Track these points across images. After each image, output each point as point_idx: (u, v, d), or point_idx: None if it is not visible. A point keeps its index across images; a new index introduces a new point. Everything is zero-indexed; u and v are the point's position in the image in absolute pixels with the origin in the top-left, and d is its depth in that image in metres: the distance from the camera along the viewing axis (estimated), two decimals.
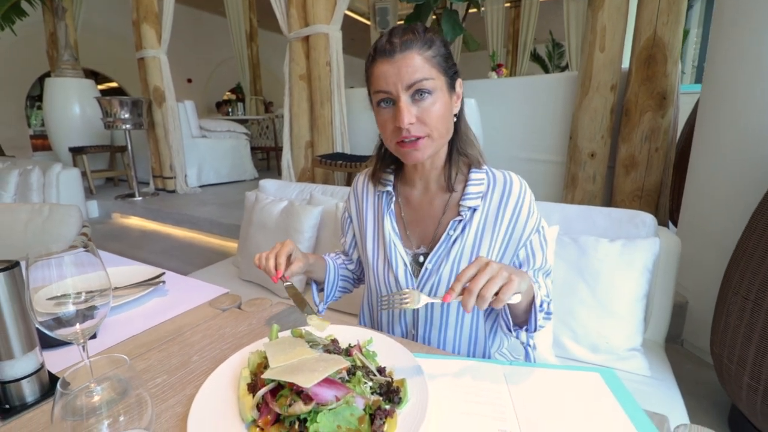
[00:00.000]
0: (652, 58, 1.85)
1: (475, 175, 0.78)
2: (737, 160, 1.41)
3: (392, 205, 0.83)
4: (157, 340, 0.74)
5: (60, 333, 0.55)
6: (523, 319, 0.71)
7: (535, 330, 0.69)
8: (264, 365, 0.56)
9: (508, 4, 6.96)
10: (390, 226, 0.82)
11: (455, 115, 0.76)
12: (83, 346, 0.56)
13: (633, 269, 1.04)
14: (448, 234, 0.77)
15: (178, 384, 0.61)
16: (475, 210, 0.77)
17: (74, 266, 0.55)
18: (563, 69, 7.38)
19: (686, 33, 4.83)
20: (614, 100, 1.99)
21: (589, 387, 0.59)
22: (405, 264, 0.80)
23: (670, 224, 2.09)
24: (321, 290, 0.92)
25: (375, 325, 0.90)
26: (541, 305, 0.70)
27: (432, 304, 0.79)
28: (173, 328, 0.79)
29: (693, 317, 1.55)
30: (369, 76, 0.72)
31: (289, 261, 0.77)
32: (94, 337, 0.76)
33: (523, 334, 0.73)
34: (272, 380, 0.50)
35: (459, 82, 0.75)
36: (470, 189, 0.77)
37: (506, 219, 0.76)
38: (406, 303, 0.60)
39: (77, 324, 0.56)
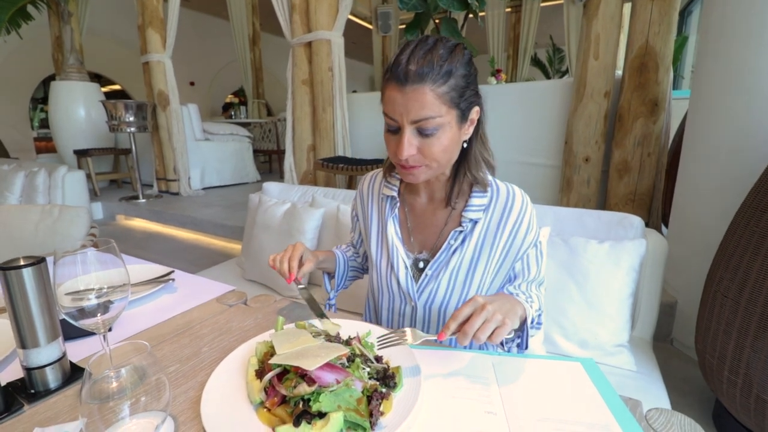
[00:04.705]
0: (644, 66, 1.90)
1: (477, 189, 0.80)
2: (725, 162, 1.46)
3: (396, 211, 0.86)
4: (168, 333, 0.79)
5: (83, 323, 0.60)
6: (518, 330, 0.74)
7: (526, 347, 0.72)
8: (270, 353, 0.61)
9: (508, 9, 7.02)
10: (393, 230, 0.85)
11: (466, 140, 0.75)
12: (104, 336, 0.61)
13: (620, 269, 1.09)
14: (449, 244, 0.79)
15: (190, 372, 0.66)
16: (476, 222, 0.79)
17: (97, 263, 0.61)
18: (564, 73, 7.44)
19: (685, 39, 4.88)
20: (608, 106, 2.04)
21: (570, 375, 0.64)
22: (406, 267, 0.83)
23: (663, 227, 2.14)
24: (332, 278, 0.97)
25: (378, 321, 0.95)
26: (532, 322, 0.74)
27: (430, 308, 0.83)
28: (183, 322, 0.83)
29: (682, 316, 1.59)
30: (382, 92, 0.71)
31: (300, 262, 0.81)
32: (109, 330, 0.81)
33: (514, 349, 0.76)
34: (278, 365, 0.54)
35: (475, 110, 0.73)
36: (473, 201, 0.79)
37: (506, 233, 0.78)
38: (405, 341, 0.63)
39: (99, 315, 0.60)
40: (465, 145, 0.76)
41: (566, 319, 1.12)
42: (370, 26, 7.42)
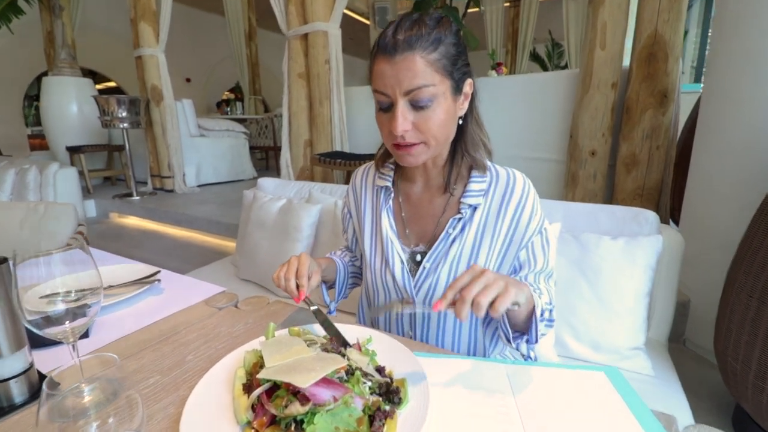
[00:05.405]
0: (653, 56, 1.83)
1: (476, 173, 0.76)
2: (740, 157, 1.40)
3: (390, 202, 0.81)
4: (151, 340, 0.73)
5: (49, 332, 0.53)
6: (524, 328, 0.68)
7: (536, 341, 0.66)
8: (260, 365, 0.55)
9: (507, 4, 6.94)
10: (387, 222, 0.80)
11: (461, 117, 0.72)
12: (73, 345, 0.55)
13: (635, 267, 1.03)
14: (447, 232, 0.74)
15: (172, 384, 0.59)
16: (475, 208, 0.74)
17: (64, 264, 0.54)
18: (563, 69, 7.39)
19: (685, 33, 4.81)
20: (615, 97, 1.98)
21: (594, 386, 0.58)
22: (402, 262, 0.77)
23: (671, 223, 2.08)
24: (330, 287, 0.90)
25: (373, 323, 0.89)
26: (542, 314, 0.67)
27: (429, 301, 0.77)
28: (168, 327, 0.77)
29: (695, 316, 1.54)
30: (370, 71, 0.68)
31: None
32: (86, 336, 0.74)
33: (523, 346, 0.70)
34: (268, 380, 0.48)
35: (468, 82, 0.70)
36: (471, 186, 0.74)
37: (508, 218, 0.74)
38: (393, 308, 0.57)
39: (67, 322, 0.54)
40: (460, 121, 0.72)
41: (578, 319, 1.06)
42: (367, 22, 7.33)
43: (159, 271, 0.98)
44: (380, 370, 0.55)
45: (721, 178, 1.47)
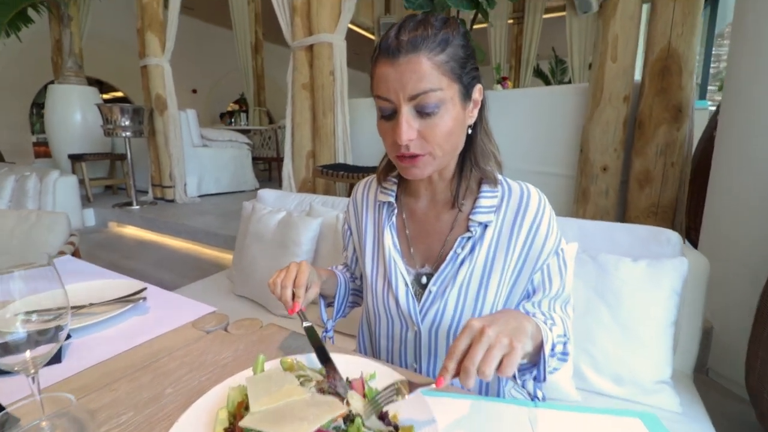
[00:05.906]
0: (666, 70, 1.78)
1: (487, 188, 0.70)
2: (766, 174, 1.33)
3: (393, 218, 0.75)
4: (129, 367, 0.66)
5: (5, 362, 0.47)
6: (533, 359, 0.60)
7: (544, 379, 0.58)
8: (245, 404, 0.47)
9: (511, 21, 7.00)
10: (390, 240, 0.73)
11: (470, 125, 0.66)
12: (33, 378, 0.48)
13: (660, 292, 0.95)
14: (455, 253, 0.68)
15: (146, 424, 0.52)
16: (486, 226, 0.68)
17: (24, 282, 0.48)
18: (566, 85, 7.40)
19: None
20: (627, 112, 1.92)
21: None
22: (406, 284, 0.71)
23: (687, 243, 2.00)
24: (329, 304, 0.83)
25: (374, 351, 0.81)
26: (553, 349, 0.60)
27: (436, 333, 0.70)
28: (149, 353, 0.70)
29: (719, 344, 1.44)
30: (371, 76, 0.63)
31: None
32: (58, 360, 0.67)
33: (530, 384, 0.62)
34: (252, 430, 0.41)
35: (478, 88, 0.64)
36: (482, 202, 0.68)
37: (521, 237, 0.67)
38: (398, 398, 0.46)
39: (27, 351, 0.48)
40: (469, 131, 0.66)
41: (597, 349, 0.98)
42: (372, 37, 7.40)
43: (145, 288, 0.91)
44: (383, 416, 0.47)
45: (746, 192, 1.39)
